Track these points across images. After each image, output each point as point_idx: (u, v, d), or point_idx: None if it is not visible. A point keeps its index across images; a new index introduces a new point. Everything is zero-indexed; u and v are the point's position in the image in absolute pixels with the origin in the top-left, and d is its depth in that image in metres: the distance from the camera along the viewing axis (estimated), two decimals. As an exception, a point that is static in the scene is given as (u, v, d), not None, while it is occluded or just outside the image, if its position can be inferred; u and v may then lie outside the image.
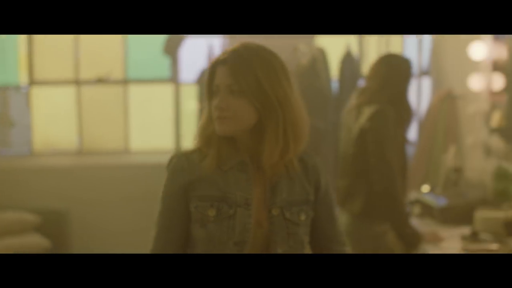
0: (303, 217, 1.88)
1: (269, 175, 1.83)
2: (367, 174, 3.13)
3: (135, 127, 5.72)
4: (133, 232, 5.33)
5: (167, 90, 5.65)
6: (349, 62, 5.26)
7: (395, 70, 3.27)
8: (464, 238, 3.27)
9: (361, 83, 5.34)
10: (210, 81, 1.83)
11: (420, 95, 5.35)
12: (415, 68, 5.34)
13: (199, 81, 5.19)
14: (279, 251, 1.85)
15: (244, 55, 1.78)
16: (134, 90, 5.69)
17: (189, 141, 5.24)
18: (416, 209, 3.90)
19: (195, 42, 5.24)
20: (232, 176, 1.82)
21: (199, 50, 5.26)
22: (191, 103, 5.51)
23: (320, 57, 5.13)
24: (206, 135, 1.85)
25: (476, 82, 4.27)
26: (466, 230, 3.38)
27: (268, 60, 1.79)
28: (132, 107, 5.70)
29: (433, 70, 5.29)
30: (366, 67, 5.72)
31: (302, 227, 1.88)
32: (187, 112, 5.47)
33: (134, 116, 5.70)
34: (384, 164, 3.05)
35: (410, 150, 4.87)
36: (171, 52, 5.22)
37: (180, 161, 1.84)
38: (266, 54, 1.80)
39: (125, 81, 5.65)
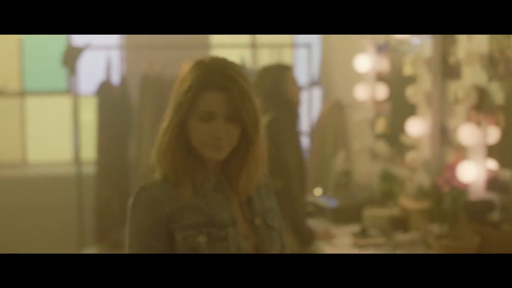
0: (277, 223, 1.88)
1: (241, 190, 1.80)
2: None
3: (32, 139, 5.70)
4: (32, 243, 5.35)
5: (65, 102, 5.67)
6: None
7: (276, 79, 3.46)
8: (354, 234, 3.53)
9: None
10: (193, 105, 1.71)
11: (310, 104, 5.59)
12: (305, 79, 5.63)
13: (98, 93, 5.26)
14: None
15: (240, 82, 1.71)
16: (32, 102, 5.68)
17: (88, 153, 5.29)
18: (310, 210, 4.14)
19: (94, 54, 5.29)
20: (212, 198, 1.76)
21: (98, 62, 5.32)
22: (89, 115, 5.54)
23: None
24: (178, 162, 1.74)
25: (361, 92, 4.47)
26: (355, 228, 3.66)
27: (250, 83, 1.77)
28: (30, 119, 5.68)
29: (323, 81, 5.54)
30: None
31: (281, 233, 1.89)
32: (85, 123, 5.51)
33: (31, 128, 5.69)
34: (282, 167, 3.26)
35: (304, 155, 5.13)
36: (69, 63, 5.22)
37: (152, 193, 1.72)
38: (246, 76, 1.77)
39: (22, 93, 5.63)
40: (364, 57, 4.43)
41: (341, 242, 3.50)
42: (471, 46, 3.31)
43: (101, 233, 5.29)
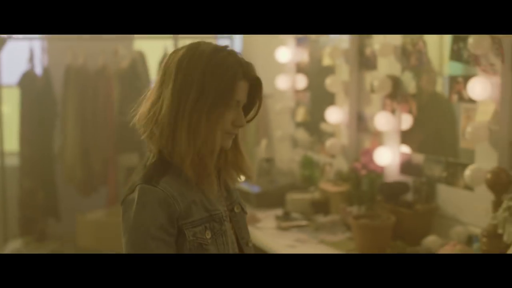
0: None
1: (232, 180, 1.81)
2: None
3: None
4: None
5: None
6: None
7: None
8: (277, 217, 3.71)
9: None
10: (232, 94, 1.67)
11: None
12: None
13: (21, 83, 5.24)
14: (250, 245, 1.85)
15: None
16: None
17: (10, 144, 5.26)
18: (235, 196, 4.29)
19: (16, 44, 5.25)
20: (209, 192, 1.70)
21: (20, 52, 5.29)
22: (11, 106, 5.51)
23: (140, 60, 5.38)
24: (215, 153, 1.68)
25: (282, 82, 4.63)
26: (279, 211, 3.84)
27: None
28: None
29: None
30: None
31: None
32: (7, 115, 5.47)
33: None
34: None
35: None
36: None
37: (166, 190, 1.63)
38: None
39: None
40: (284, 49, 4.57)
41: (265, 225, 3.66)
42: (385, 39, 3.53)
43: (26, 225, 5.28)
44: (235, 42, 5.69)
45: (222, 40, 5.86)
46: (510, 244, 2.62)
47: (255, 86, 1.76)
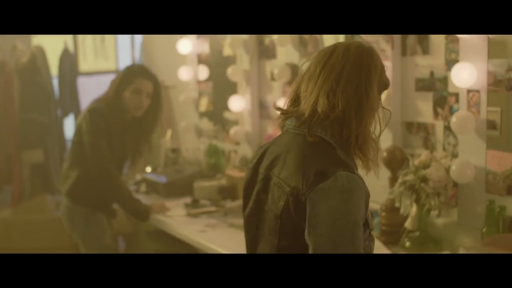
0: None
1: None
2: (82, 161, 3.48)
3: None
4: None
5: None
6: (67, 59, 5.54)
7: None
8: (187, 205, 3.80)
9: (78, 79, 5.67)
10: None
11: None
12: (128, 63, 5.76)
13: None
14: None
15: None
16: None
17: None
18: (143, 188, 4.35)
19: None
20: None
21: None
22: None
23: (40, 55, 5.32)
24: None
25: (184, 74, 4.72)
26: (187, 200, 3.93)
27: None
28: None
29: (145, 64, 5.71)
30: (82, 63, 6.03)
31: None
32: None
33: None
34: (96, 154, 3.41)
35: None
36: None
37: (361, 179, 1.66)
38: None
39: None
40: (185, 41, 4.66)
41: (175, 213, 3.74)
42: (283, 28, 3.68)
43: None
44: (135, 36, 5.71)
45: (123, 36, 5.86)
46: (407, 216, 2.84)
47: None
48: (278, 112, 1.81)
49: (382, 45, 3.01)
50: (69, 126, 5.76)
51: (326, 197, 1.58)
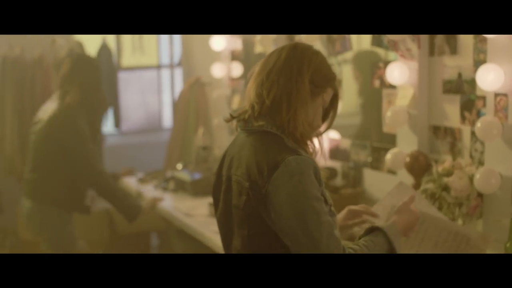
0: None
1: None
2: (59, 168, 3.49)
3: None
4: None
5: None
6: (106, 54, 5.54)
7: (79, 70, 3.59)
8: (210, 205, 3.71)
9: (119, 74, 5.66)
10: None
11: (173, 84, 5.71)
12: (167, 61, 5.74)
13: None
14: None
15: None
16: None
17: None
18: (171, 185, 4.28)
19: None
20: None
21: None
22: None
23: (78, 50, 5.33)
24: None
25: (218, 70, 4.64)
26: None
27: None
28: None
29: (184, 62, 5.67)
30: (123, 59, 6.03)
31: None
32: None
33: None
34: (77, 154, 3.45)
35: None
36: None
37: (311, 158, 1.80)
38: None
39: None
40: (218, 38, 4.56)
41: (198, 212, 3.67)
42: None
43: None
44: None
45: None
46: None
47: None
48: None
49: (409, 44, 2.85)
50: (107, 121, 5.76)
51: (282, 184, 1.72)
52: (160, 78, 6.52)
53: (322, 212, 1.72)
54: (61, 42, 5.33)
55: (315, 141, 1.93)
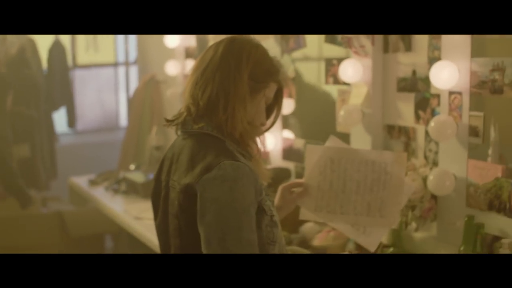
0: None
1: None
2: None
3: None
4: None
5: None
6: (59, 52, 5.36)
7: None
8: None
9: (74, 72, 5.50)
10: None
11: (128, 82, 5.57)
12: (123, 58, 5.60)
13: None
14: None
15: None
16: None
17: None
18: (122, 187, 4.13)
19: None
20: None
21: None
22: None
23: (29, 47, 5.16)
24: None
25: (172, 68, 4.51)
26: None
27: None
28: None
29: (139, 59, 5.53)
30: (78, 56, 5.87)
31: None
32: None
33: None
34: None
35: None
36: None
37: (249, 166, 1.67)
38: None
39: None
40: (173, 35, 4.43)
41: (149, 215, 3.52)
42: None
43: None
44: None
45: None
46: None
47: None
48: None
49: (362, 41, 2.75)
50: (59, 120, 5.60)
51: (210, 187, 1.60)
52: (117, 76, 6.37)
53: (247, 228, 1.59)
54: (12, 38, 5.15)
55: (258, 141, 1.82)
